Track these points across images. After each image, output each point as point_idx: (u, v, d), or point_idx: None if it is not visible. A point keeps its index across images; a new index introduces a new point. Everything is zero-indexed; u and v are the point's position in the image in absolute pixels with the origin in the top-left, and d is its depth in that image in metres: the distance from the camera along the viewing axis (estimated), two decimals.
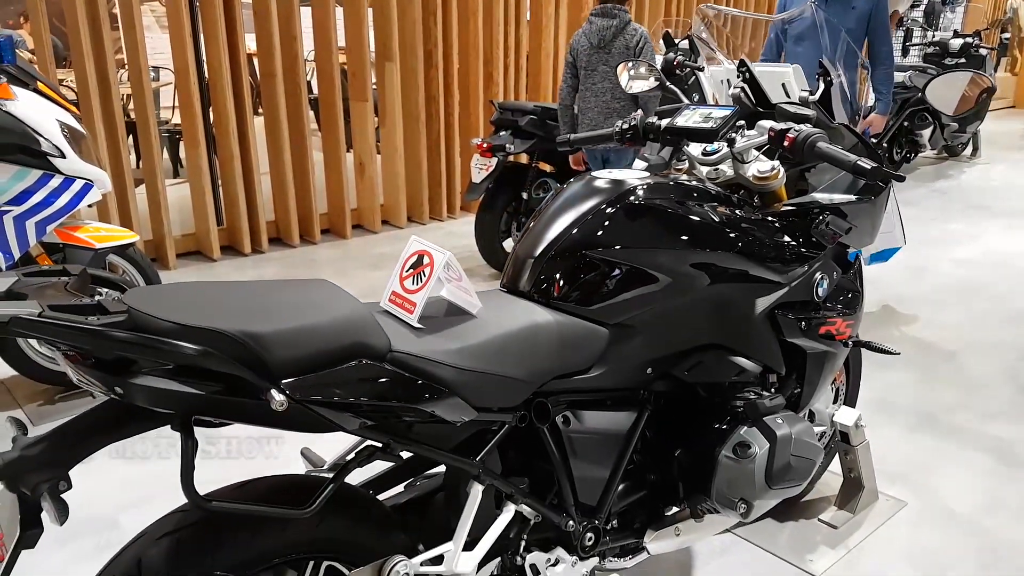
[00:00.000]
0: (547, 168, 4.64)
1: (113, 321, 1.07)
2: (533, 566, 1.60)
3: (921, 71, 7.30)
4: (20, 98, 2.75)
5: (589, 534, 1.68)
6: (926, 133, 7.39)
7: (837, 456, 2.50)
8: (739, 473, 1.69)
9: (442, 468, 1.72)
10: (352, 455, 1.46)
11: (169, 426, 1.23)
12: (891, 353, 2.18)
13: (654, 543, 1.81)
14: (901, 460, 2.77)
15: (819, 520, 2.44)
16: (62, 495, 1.17)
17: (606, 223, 1.63)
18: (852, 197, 1.90)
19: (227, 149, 4.88)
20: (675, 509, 1.85)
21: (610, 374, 1.64)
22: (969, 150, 8.40)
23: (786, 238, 1.78)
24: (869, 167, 1.59)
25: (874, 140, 4.00)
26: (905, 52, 8.88)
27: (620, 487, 1.76)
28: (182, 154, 6.91)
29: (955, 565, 2.27)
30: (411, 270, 1.48)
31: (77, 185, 2.92)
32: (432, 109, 5.68)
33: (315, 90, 5.37)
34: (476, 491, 1.49)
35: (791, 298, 1.81)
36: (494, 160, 4.26)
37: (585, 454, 1.67)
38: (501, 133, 4.41)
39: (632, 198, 1.65)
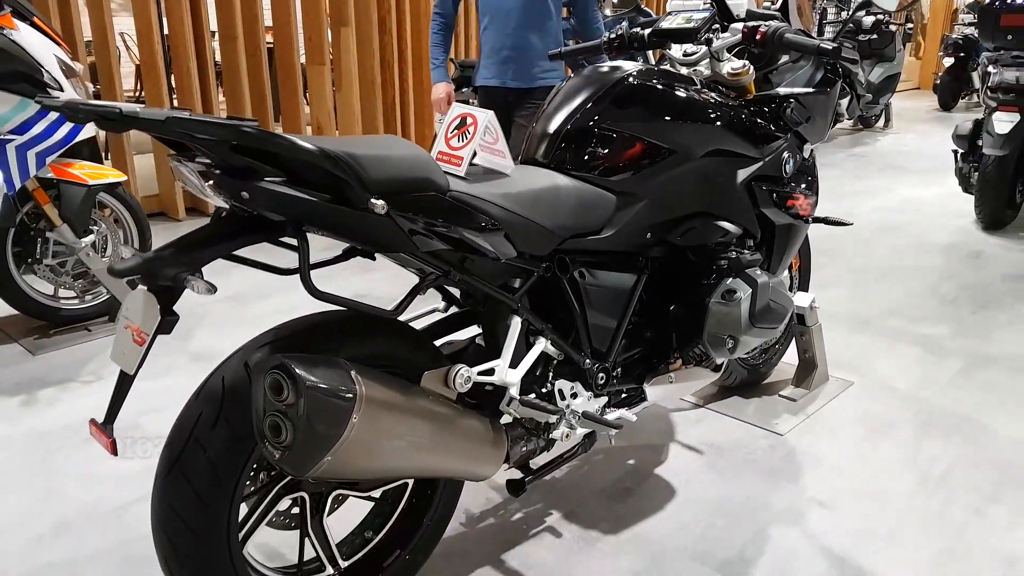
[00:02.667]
0: None
1: (248, 124, 1.25)
2: (560, 391, 1.86)
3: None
4: (22, 30, 2.85)
5: (601, 374, 1.95)
6: (844, 103, 7.92)
7: (794, 343, 2.84)
8: (727, 315, 1.98)
9: (467, 334, 1.96)
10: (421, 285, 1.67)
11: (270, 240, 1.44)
12: (845, 224, 2.52)
13: (652, 387, 2.09)
14: (845, 352, 3.14)
15: (779, 395, 2.77)
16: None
17: (613, 100, 1.90)
18: (811, 89, 2.22)
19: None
20: (669, 361, 2.13)
21: (617, 237, 1.90)
22: (882, 121, 9.01)
23: (759, 120, 2.09)
24: (831, 47, 1.90)
25: None
26: (821, 31, 9.44)
27: (623, 341, 2.02)
28: None
29: (898, 424, 2.62)
30: (455, 130, 1.71)
31: None
32: (387, 75, 5.87)
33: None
34: (516, 323, 1.74)
35: (764, 172, 2.11)
36: None
37: (597, 305, 1.93)
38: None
39: (634, 79, 1.93)
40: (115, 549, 2.01)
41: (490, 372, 1.66)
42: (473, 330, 1.95)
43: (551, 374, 1.88)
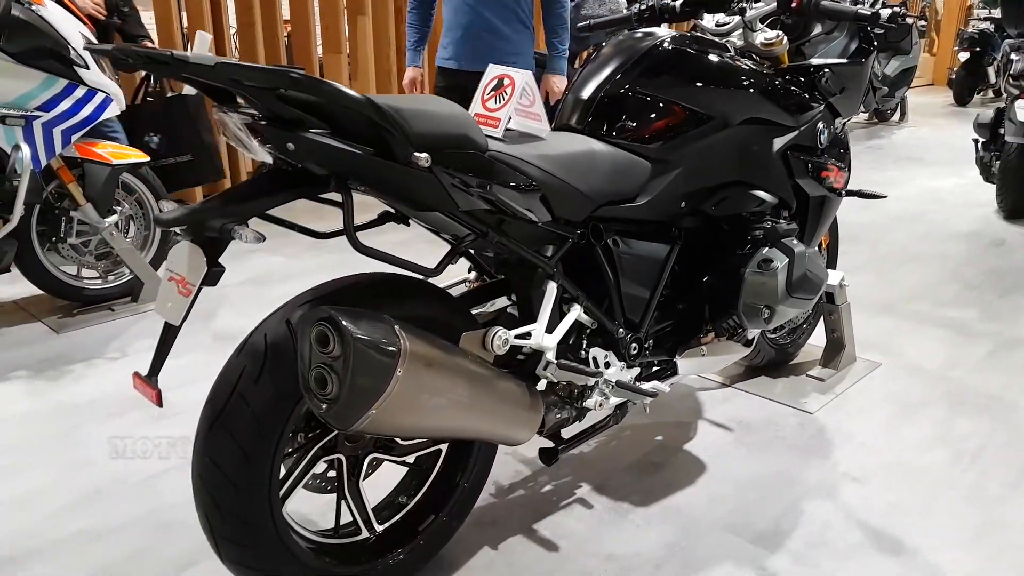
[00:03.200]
0: None
1: (296, 71, 1.25)
2: (594, 359, 1.85)
3: None
4: (49, 6, 2.86)
5: (634, 344, 1.94)
6: None
7: (820, 324, 2.82)
8: (763, 284, 1.96)
9: (496, 306, 1.95)
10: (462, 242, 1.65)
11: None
12: (880, 197, 2.50)
13: (684, 360, 2.08)
14: (871, 335, 3.11)
15: (807, 375, 2.75)
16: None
17: (649, 65, 1.89)
18: (844, 60, 2.20)
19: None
20: (701, 334, 2.11)
21: (651, 205, 1.89)
22: (897, 115, 8.98)
23: (794, 89, 2.07)
24: (870, 12, 1.89)
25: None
26: None
27: (655, 313, 2.01)
28: None
29: (928, 404, 2.60)
30: (492, 92, 1.70)
31: (99, 97, 3.03)
32: (403, 64, 5.85)
33: None
34: (551, 288, 1.72)
35: (799, 142, 2.10)
36: None
37: (630, 274, 1.92)
38: None
39: (669, 45, 1.91)
40: (148, 516, 2.00)
41: (526, 336, 1.65)
42: (502, 302, 1.94)
43: (584, 342, 1.87)
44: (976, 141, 5.15)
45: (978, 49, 9.86)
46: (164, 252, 3.51)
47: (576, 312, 1.79)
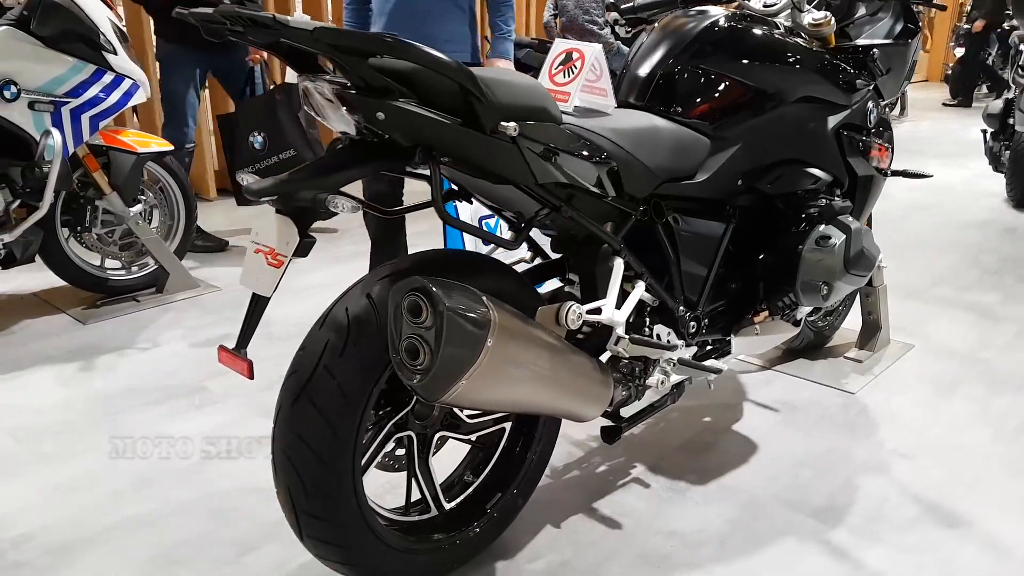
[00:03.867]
0: None
1: (389, 36, 1.23)
2: (658, 335, 1.85)
3: None
4: None
5: (692, 322, 1.93)
6: None
7: (857, 303, 2.83)
8: (821, 261, 1.96)
9: (548, 287, 1.94)
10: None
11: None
12: (926, 176, 2.51)
13: (739, 339, 2.08)
14: (900, 319, 3.11)
15: (845, 357, 2.75)
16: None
17: (708, 42, 1.89)
18: (890, 41, 2.21)
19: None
20: (753, 313, 2.11)
21: (709, 182, 1.88)
22: (897, 109, 9.02)
23: (845, 68, 2.08)
24: None
25: None
26: None
27: (711, 292, 2.00)
28: None
29: (965, 383, 2.61)
30: (560, 67, 1.70)
31: (126, 84, 3.00)
32: None
33: None
34: (618, 264, 1.71)
35: (850, 121, 2.10)
36: None
37: (689, 252, 1.91)
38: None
39: (726, 23, 1.92)
40: (199, 502, 1.98)
41: (596, 312, 1.64)
42: (555, 283, 1.94)
43: (647, 320, 1.87)
44: (985, 131, 5.18)
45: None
46: (188, 242, 3.49)
47: (641, 289, 1.78)
